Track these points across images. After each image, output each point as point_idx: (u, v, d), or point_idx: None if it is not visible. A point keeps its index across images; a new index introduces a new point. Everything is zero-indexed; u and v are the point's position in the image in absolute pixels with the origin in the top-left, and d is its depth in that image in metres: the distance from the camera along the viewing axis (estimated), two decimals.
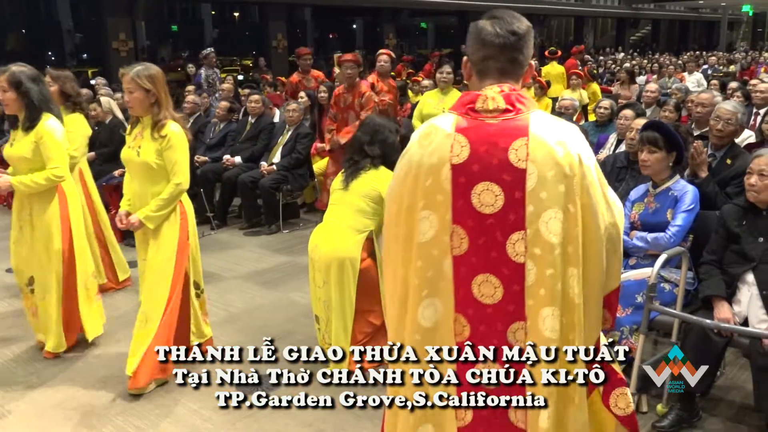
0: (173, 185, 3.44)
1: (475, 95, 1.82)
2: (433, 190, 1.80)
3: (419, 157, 1.82)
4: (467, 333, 1.88)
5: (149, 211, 3.42)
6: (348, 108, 6.18)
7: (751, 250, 2.99)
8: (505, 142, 1.76)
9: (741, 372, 3.50)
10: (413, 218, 1.84)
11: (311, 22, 35.93)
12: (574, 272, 1.77)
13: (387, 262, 2.00)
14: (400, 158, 1.91)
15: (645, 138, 3.39)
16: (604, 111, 6.33)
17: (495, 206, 1.77)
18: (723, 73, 15.19)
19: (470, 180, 1.78)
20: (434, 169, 1.79)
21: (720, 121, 3.88)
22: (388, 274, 1.99)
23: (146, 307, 3.46)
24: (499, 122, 1.78)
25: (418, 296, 1.86)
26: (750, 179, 3.00)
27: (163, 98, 3.41)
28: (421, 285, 1.85)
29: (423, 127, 1.89)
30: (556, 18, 39.11)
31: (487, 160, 1.77)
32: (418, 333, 1.88)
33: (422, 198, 1.81)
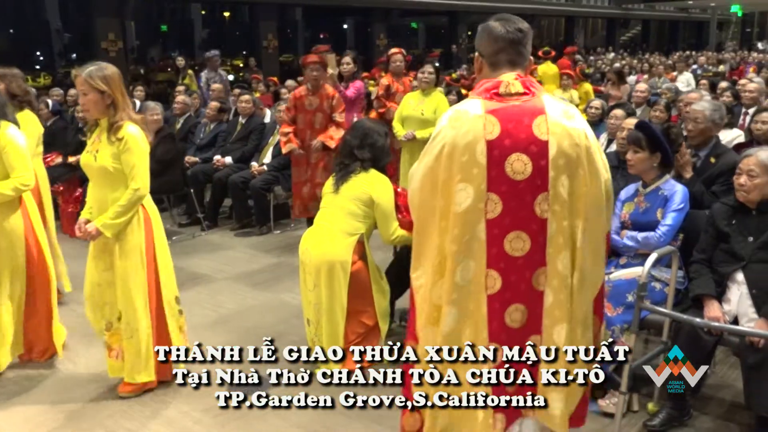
0: (131, 191, 3.25)
1: (496, 82, 2.16)
2: (469, 165, 2.10)
3: (452, 138, 2.12)
4: (498, 285, 2.19)
5: (107, 219, 3.24)
6: (315, 111, 5.84)
7: (740, 249, 3.00)
8: (529, 120, 2.12)
9: (731, 370, 3.51)
10: (450, 191, 2.13)
11: (302, 22, 35.87)
12: (579, 224, 2.17)
13: (421, 233, 2.25)
14: (430, 141, 2.19)
15: (629, 138, 3.46)
16: (595, 111, 6.36)
17: (525, 173, 2.12)
18: (712, 72, 15.28)
19: (503, 152, 2.11)
20: (470, 146, 2.10)
21: (690, 121, 3.96)
22: (422, 245, 2.25)
23: (129, 318, 3.34)
24: (521, 103, 2.14)
25: (455, 261, 2.16)
26: (739, 179, 3.02)
27: (120, 99, 3.25)
28: (459, 250, 2.15)
29: (451, 112, 2.19)
30: (547, 18, 39.22)
31: (516, 135, 2.11)
32: (455, 292, 2.17)
33: (459, 172, 2.11)
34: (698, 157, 3.91)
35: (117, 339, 3.41)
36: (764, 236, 2.95)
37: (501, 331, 2.22)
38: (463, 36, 27.31)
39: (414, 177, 2.26)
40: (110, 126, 3.25)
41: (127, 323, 3.35)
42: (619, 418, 2.94)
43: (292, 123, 5.93)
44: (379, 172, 3.63)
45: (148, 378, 3.41)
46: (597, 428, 3.06)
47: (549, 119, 2.12)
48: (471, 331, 2.21)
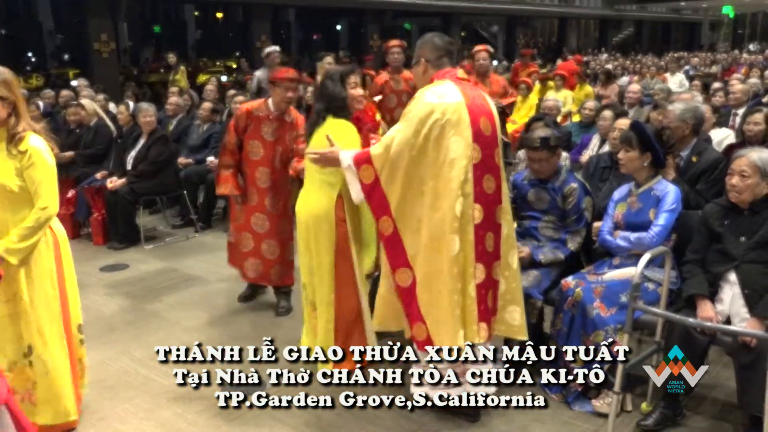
0: (38, 210, 2.86)
1: (454, 70, 3.02)
2: (457, 123, 2.82)
3: (440, 104, 2.82)
4: (480, 216, 2.88)
5: (10, 243, 2.82)
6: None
7: (732, 250, 3.01)
8: (479, 95, 3.03)
9: (724, 370, 3.52)
10: (445, 144, 2.80)
11: (295, 23, 35.85)
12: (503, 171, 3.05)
13: (406, 181, 2.86)
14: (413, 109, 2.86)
15: (621, 137, 3.49)
16: (588, 112, 6.39)
17: (488, 131, 2.93)
18: (704, 73, 15.34)
19: (476, 115, 2.89)
20: (456, 107, 2.83)
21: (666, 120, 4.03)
22: (408, 189, 2.86)
23: (40, 351, 2.96)
24: (468, 84, 3.04)
25: (454, 196, 2.79)
26: (732, 180, 3.03)
27: (21, 107, 2.87)
28: (456, 187, 2.78)
29: (431, 89, 2.91)
30: (540, 19, 39.32)
31: (479, 104, 2.94)
32: (456, 221, 2.79)
33: (450, 128, 2.80)
34: (680, 158, 3.96)
35: (23, 379, 2.98)
36: (756, 236, 2.97)
37: (483, 254, 2.90)
38: (456, 37, 27.36)
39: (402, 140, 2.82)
40: (10, 137, 2.85)
41: (38, 357, 2.96)
42: (612, 418, 2.95)
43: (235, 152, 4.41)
44: (337, 117, 3.47)
45: (71, 417, 3.08)
46: (591, 428, 3.07)
47: (486, 96, 3.08)
48: (466, 254, 2.83)
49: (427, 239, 2.85)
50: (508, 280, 3.03)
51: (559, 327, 3.31)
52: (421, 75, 3.08)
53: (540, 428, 3.06)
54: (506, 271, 3.03)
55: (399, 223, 2.90)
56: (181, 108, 7.69)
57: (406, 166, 2.85)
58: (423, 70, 3.06)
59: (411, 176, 2.86)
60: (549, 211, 3.61)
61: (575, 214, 3.55)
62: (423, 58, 3.05)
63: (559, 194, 3.57)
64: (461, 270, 2.83)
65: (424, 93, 2.91)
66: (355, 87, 3.54)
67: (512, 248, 3.06)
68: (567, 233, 3.57)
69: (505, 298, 3.03)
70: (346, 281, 3.44)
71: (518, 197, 3.70)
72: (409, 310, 2.91)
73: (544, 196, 3.62)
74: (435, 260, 2.84)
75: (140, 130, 6.33)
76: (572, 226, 3.56)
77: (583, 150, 5.62)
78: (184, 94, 8.89)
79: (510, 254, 3.04)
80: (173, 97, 8.01)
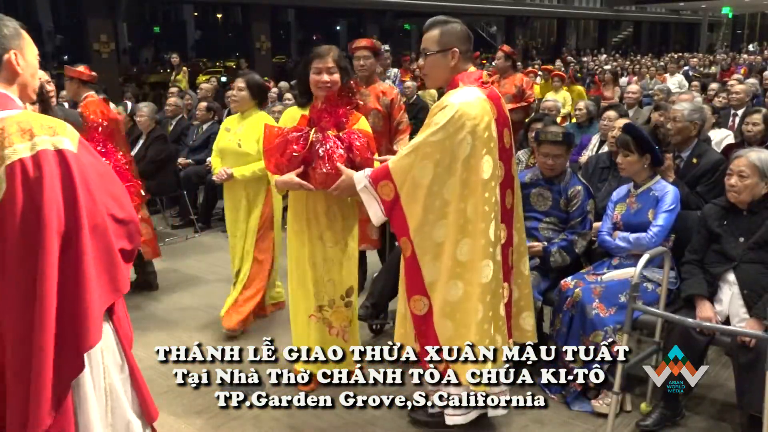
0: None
1: (479, 73, 2.74)
2: (488, 140, 2.59)
3: (472, 119, 2.55)
4: (505, 235, 2.76)
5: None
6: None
7: (731, 250, 3.02)
8: (499, 101, 2.74)
9: (723, 370, 3.53)
10: (476, 164, 2.57)
11: (295, 23, 35.86)
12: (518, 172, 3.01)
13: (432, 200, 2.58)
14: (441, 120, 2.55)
15: (618, 142, 3.47)
16: (580, 112, 6.43)
17: (509, 143, 2.75)
18: (704, 74, 15.36)
19: (501, 128, 2.69)
20: (487, 124, 2.59)
21: (670, 121, 4.00)
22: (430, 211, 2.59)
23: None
24: (492, 89, 2.74)
25: (488, 219, 2.59)
26: (730, 180, 3.03)
27: None
28: (489, 210, 2.59)
29: (461, 98, 2.59)
30: (539, 20, 39.33)
31: (501, 114, 2.71)
32: (490, 246, 2.62)
33: (483, 147, 2.58)
34: (681, 159, 3.94)
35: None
36: (755, 237, 2.97)
37: (507, 272, 2.79)
38: None
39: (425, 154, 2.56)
40: None
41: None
42: (612, 418, 2.95)
43: None
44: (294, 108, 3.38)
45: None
46: (590, 428, 3.07)
47: (503, 101, 2.81)
48: (497, 278, 2.66)
49: (452, 265, 2.61)
50: (520, 287, 2.97)
51: (558, 327, 3.31)
52: (448, 67, 2.70)
53: (539, 428, 3.07)
54: (519, 279, 2.96)
55: (418, 247, 2.64)
56: (181, 109, 7.68)
57: (430, 185, 2.57)
58: (454, 61, 2.69)
59: (434, 196, 2.58)
60: (550, 212, 3.61)
61: (580, 216, 3.55)
62: (455, 47, 2.68)
63: (563, 196, 3.57)
64: (492, 295, 2.64)
65: (452, 102, 2.59)
66: (320, 73, 3.17)
67: (524, 255, 2.99)
68: (573, 235, 3.55)
69: (519, 304, 2.98)
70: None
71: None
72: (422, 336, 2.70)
73: (547, 197, 3.61)
74: (460, 287, 2.62)
75: (140, 131, 6.33)
76: (578, 228, 3.55)
77: (583, 151, 5.63)
78: (185, 95, 8.89)
79: (521, 262, 2.96)
80: (172, 98, 8.01)
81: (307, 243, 3.24)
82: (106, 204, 1.93)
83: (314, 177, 2.98)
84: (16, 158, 1.80)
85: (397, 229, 2.68)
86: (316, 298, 3.28)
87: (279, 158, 3.05)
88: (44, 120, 1.89)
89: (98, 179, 1.93)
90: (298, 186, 3.04)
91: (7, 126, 1.83)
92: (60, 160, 1.84)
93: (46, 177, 1.80)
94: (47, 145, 1.83)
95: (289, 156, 3.01)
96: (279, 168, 3.07)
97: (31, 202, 1.80)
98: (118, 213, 1.96)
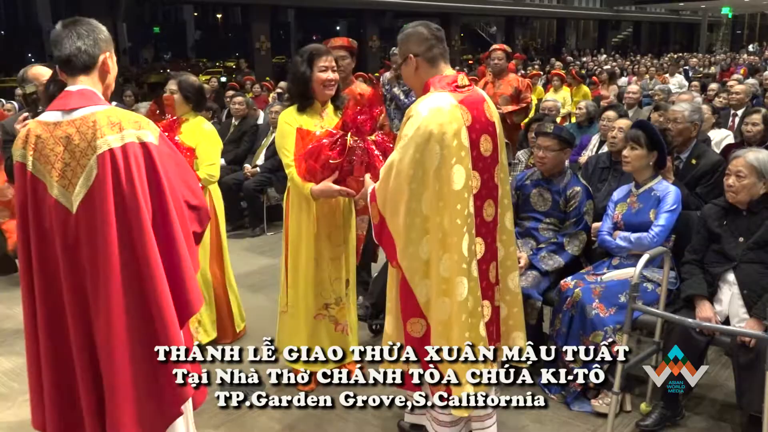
0: None
1: (453, 77, 2.56)
2: (458, 148, 2.42)
3: (440, 126, 2.40)
4: (482, 249, 2.58)
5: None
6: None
7: (731, 250, 3.02)
8: (481, 106, 2.56)
9: (723, 370, 3.53)
10: (447, 174, 2.41)
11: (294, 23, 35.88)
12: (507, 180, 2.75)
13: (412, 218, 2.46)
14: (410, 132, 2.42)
15: (628, 135, 3.45)
16: (580, 112, 6.44)
17: (489, 150, 2.56)
18: (703, 74, 15.37)
19: (477, 135, 2.50)
20: (457, 133, 2.42)
21: (669, 122, 3.99)
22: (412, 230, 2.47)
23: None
24: (470, 93, 2.55)
25: (460, 233, 2.44)
26: (728, 180, 3.04)
27: None
28: (462, 223, 2.44)
29: (429, 106, 2.44)
30: (539, 20, 39.35)
31: (480, 120, 2.52)
32: (463, 262, 2.45)
33: (451, 156, 2.41)
34: (680, 160, 3.94)
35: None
36: (755, 237, 2.97)
37: (487, 288, 2.62)
38: (456, 38, 27.39)
39: (398, 171, 2.44)
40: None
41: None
42: (612, 418, 2.95)
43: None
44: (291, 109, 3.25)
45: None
46: (590, 428, 3.08)
47: (489, 104, 2.63)
48: (473, 296, 2.51)
49: (438, 281, 2.49)
50: (509, 304, 2.78)
51: (558, 327, 3.31)
52: (413, 74, 2.61)
53: (539, 428, 3.07)
54: (507, 295, 2.76)
55: (407, 270, 2.52)
56: None
57: (407, 201, 2.44)
58: (414, 67, 2.58)
59: (413, 213, 2.46)
60: (550, 213, 3.61)
61: (575, 216, 3.55)
62: (410, 53, 2.57)
63: (562, 196, 3.57)
64: (469, 315, 2.49)
65: (418, 111, 2.45)
66: (326, 71, 3.12)
67: (512, 270, 2.76)
68: (564, 236, 3.56)
69: (508, 323, 2.79)
70: None
71: (520, 198, 3.69)
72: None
73: (546, 198, 3.62)
74: (447, 305, 2.50)
75: None
76: (570, 229, 3.56)
77: (582, 151, 5.64)
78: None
79: (509, 277, 2.75)
80: None
81: (313, 242, 3.23)
82: (182, 191, 2.17)
83: (352, 184, 2.96)
84: (107, 148, 2.02)
85: (388, 253, 2.58)
86: (321, 297, 3.30)
87: (312, 164, 3.01)
88: (131, 115, 2.12)
89: (176, 169, 2.17)
90: (336, 194, 3.02)
91: (99, 119, 2.05)
92: (144, 152, 2.06)
93: (133, 166, 2.03)
94: (133, 137, 2.06)
95: (323, 162, 2.97)
96: (312, 173, 3.02)
97: (120, 187, 2.02)
98: (192, 199, 2.21)
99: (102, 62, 2.15)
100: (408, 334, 2.57)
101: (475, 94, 2.58)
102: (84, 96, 2.09)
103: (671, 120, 3.99)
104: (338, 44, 4.09)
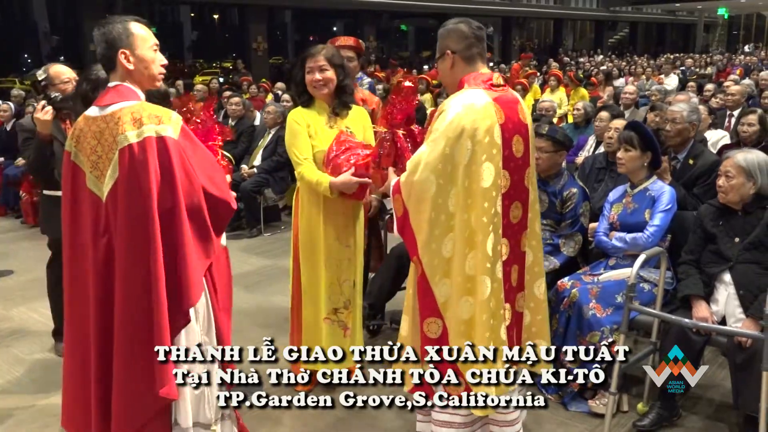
0: None
1: (489, 75, 2.53)
2: (489, 146, 2.39)
3: (472, 122, 2.37)
4: (506, 251, 2.54)
5: None
6: None
7: (727, 250, 3.04)
8: (514, 107, 2.54)
9: (719, 370, 3.55)
10: (477, 170, 2.39)
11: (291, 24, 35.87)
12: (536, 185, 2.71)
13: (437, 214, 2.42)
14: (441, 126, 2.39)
15: (621, 137, 3.47)
16: (578, 113, 6.46)
17: (520, 152, 2.53)
18: (700, 74, 15.41)
19: (509, 135, 2.47)
20: (489, 129, 2.39)
21: (668, 122, 4.00)
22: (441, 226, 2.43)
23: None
24: (505, 93, 2.54)
25: (486, 231, 2.41)
26: (718, 180, 3.06)
27: None
28: (488, 222, 2.41)
29: (462, 102, 2.42)
30: (535, 20, 39.38)
31: (513, 120, 2.50)
32: (488, 262, 2.41)
33: (482, 153, 2.38)
34: (677, 160, 3.95)
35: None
36: (750, 237, 2.99)
37: (509, 292, 2.56)
38: None
39: (426, 164, 2.40)
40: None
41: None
42: (608, 419, 2.96)
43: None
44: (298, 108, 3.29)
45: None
46: (587, 428, 3.09)
47: (523, 106, 2.60)
48: (496, 297, 2.46)
49: (462, 280, 2.44)
50: (533, 311, 2.69)
51: (555, 328, 3.32)
52: (448, 71, 2.58)
53: (537, 429, 3.08)
54: (531, 302, 2.68)
55: (427, 267, 2.46)
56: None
57: (434, 197, 2.40)
58: (450, 64, 2.56)
59: (439, 209, 2.41)
60: (546, 214, 3.61)
61: (570, 218, 3.56)
62: (448, 49, 2.55)
63: (558, 198, 3.58)
64: (491, 316, 2.44)
65: (451, 106, 2.43)
66: (311, 72, 3.14)
67: (539, 277, 2.69)
68: (559, 238, 3.56)
69: (531, 330, 2.71)
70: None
71: None
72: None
73: (543, 199, 3.62)
74: (471, 304, 2.45)
75: None
76: (565, 230, 3.56)
77: (579, 151, 5.65)
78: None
79: (536, 284, 2.68)
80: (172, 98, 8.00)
81: (323, 245, 3.23)
82: (204, 184, 2.23)
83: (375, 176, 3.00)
84: (126, 144, 2.13)
85: (409, 247, 2.51)
86: (330, 301, 3.28)
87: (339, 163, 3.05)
88: (154, 110, 2.19)
89: (198, 162, 2.23)
90: (356, 184, 3.03)
91: (123, 115, 2.15)
92: (160, 146, 2.13)
93: (150, 161, 2.11)
94: (151, 132, 2.13)
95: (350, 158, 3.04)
96: (335, 169, 3.02)
97: (137, 181, 2.12)
98: (214, 192, 2.28)
99: (118, 62, 2.22)
100: (425, 335, 2.51)
101: (509, 94, 2.56)
102: (117, 92, 2.22)
103: (670, 120, 3.99)
104: (345, 44, 3.91)
